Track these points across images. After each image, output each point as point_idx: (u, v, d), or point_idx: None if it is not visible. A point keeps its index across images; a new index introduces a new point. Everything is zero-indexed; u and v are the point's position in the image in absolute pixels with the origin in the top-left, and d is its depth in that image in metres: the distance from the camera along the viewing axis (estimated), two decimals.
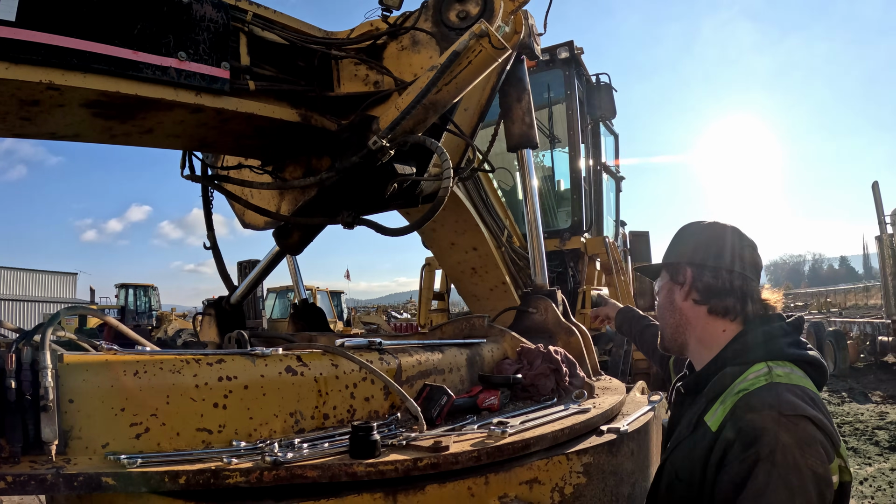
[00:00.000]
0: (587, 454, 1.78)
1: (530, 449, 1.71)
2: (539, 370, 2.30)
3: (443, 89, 2.51)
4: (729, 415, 1.47)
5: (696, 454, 1.51)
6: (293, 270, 5.08)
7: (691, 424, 1.60)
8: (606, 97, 6.02)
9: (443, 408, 1.93)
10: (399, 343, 2.30)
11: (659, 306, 1.86)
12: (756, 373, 1.54)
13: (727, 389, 1.55)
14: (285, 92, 2.73)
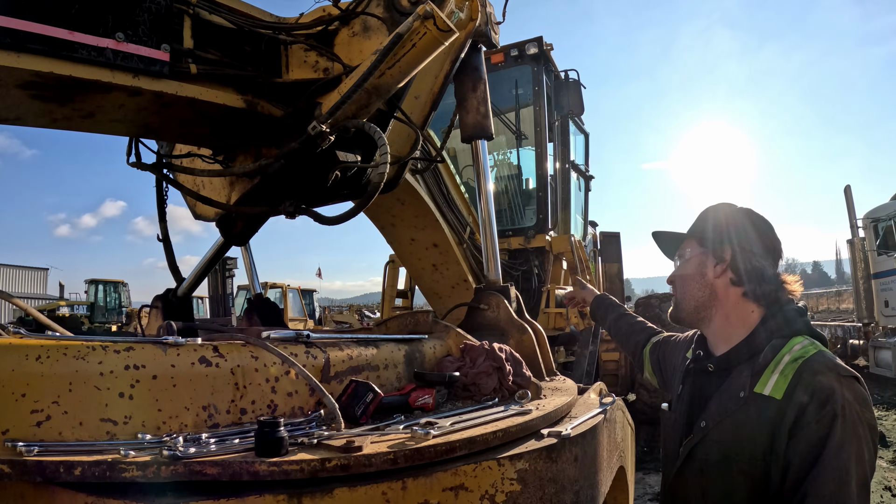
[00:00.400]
0: (522, 459, 1.66)
1: (456, 452, 1.60)
2: (481, 368, 2.20)
3: (386, 73, 2.42)
4: (794, 380, 1.55)
5: (759, 425, 1.58)
6: (248, 265, 4.98)
7: (738, 399, 1.66)
8: (574, 93, 5.98)
9: (368, 405, 1.82)
10: (331, 336, 2.19)
11: (682, 276, 1.93)
12: (801, 344, 1.66)
13: (774, 360, 1.64)
14: (230, 77, 2.64)
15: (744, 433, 1.62)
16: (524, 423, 1.83)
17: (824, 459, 1.45)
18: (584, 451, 1.89)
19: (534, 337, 2.95)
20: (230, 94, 2.64)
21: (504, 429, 1.74)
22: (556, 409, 2.06)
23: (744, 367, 1.73)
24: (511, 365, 2.29)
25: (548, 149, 6.16)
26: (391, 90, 2.51)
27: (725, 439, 1.67)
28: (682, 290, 1.93)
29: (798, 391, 1.54)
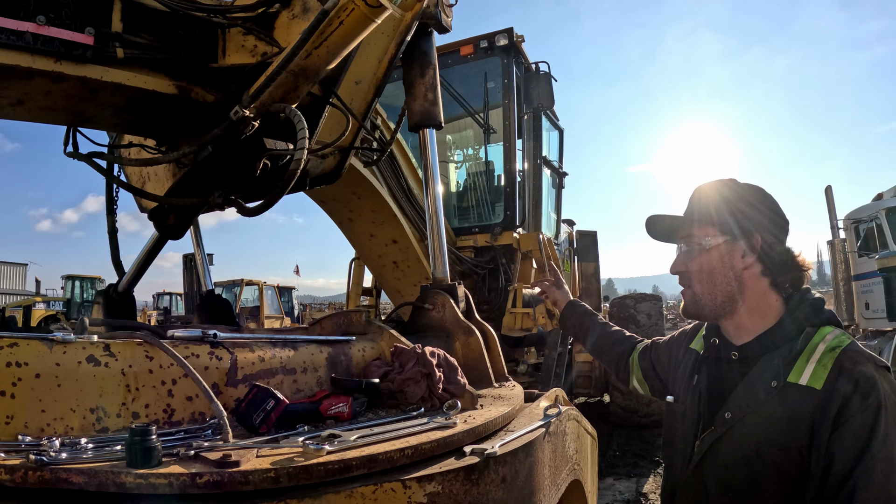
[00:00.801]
0: (434, 481, 1.47)
1: (352, 472, 1.42)
2: (408, 374, 2.04)
3: (313, 54, 2.26)
4: (835, 370, 1.51)
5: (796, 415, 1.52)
6: (200, 260, 4.81)
7: (770, 389, 1.59)
8: (545, 86, 5.83)
9: (269, 413, 1.64)
10: (244, 337, 2.01)
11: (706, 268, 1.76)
12: (832, 333, 1.62)
13: (807, 349, 1.59)
14: (162, 62, 2.51)
15: (778, 424, 1.55)
16: (442, 439, 1.65)
17: (871, 450, 1.42)
18: (516, 471, 1.72)
19: (481, 339, 2.81)
20: (161, 80, 2.52)
21: (415, 445, 1.55)
22: (487, 422, 1.88)
23: (773, 355, 1.65)
24: (444, 371, 2.13)
25: (517, 143, 6.00)
26: (320, 72, 2.35)
27: (755, 431, 1.59)
28: (706, 284, 1.77)
29: (841, 381, 1.50)
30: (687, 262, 1.81)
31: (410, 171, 4.93)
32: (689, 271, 1.81)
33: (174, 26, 2.52)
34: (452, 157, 7.07)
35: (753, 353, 1.71)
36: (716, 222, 1.76)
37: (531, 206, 6.65)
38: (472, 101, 6.26)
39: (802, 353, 1.60)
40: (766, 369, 1.65)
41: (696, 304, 1.80)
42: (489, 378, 2.74)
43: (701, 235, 1.78)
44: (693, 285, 1.80)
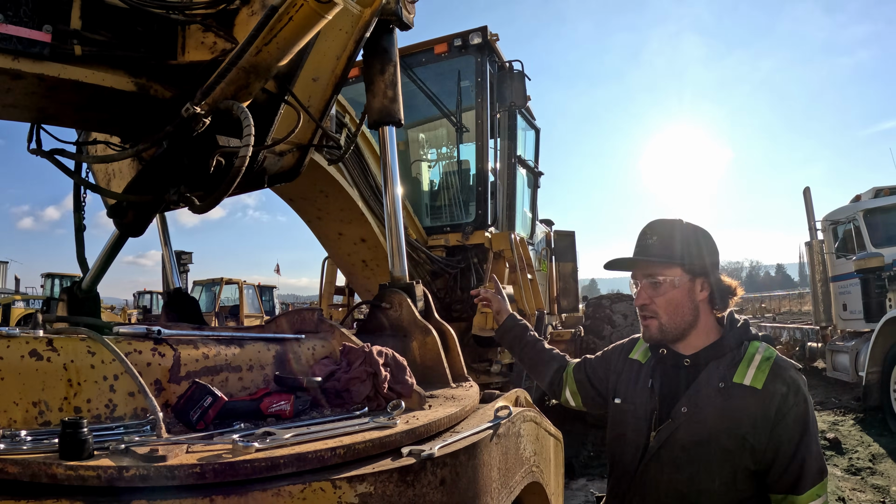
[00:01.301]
0: (365, 482, 1.48)
1: (280, 470, 1.42)
2: (354, 374, 2.04)
3: (263, 50, 2.27)
4: (771, 375, 1.98)
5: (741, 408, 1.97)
6: (167, 258, 4.80)
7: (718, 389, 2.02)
8: (518, 84, 5.84)
9: (206, 410, 1.66)
10: (188, 333, 2.02)
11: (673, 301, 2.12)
12: (762, 346, 2.10)
13: (745, 358, 2.05)
14: (121, 59, 2.52)
15: (726, 415, 1.97)
16: (378, 439, 1.66)
17: (808, 431, 1.96)
18: (457, 474, 1.73)
19: (438, 339, 2.83)
20: (120, 77, 2.53)
21: (348, 445, 1.56)
22: (430, 423, 1.89)
23: (718, 362, 2.08)
24: (391, 370, 2.15)
25: (489, 142, 6.02)
26: (271, 69, 2.36)
27: (707, 421, 1.99)
28: (673, 315, 2.12)
29: (777, 383, 1.97)
30: (654, 297, 2.14)
31: (378, 167, 4.93)
32: (655, 304, 2.14)
33: (133, 23, 2.52)
34: (426, 156, 7.07)
35: (702, 361, 2.11)
36: (681, 263, 2.11)
37: (505, 206, 6.66)
38: (447, 99, 6.26)
39: (743, 361, 2.05)
40: (713, 373, 2.06)
41: (661, 332, 2.14)
42: (446, 378, 2.75)
43: (669, 274, 2.12)
44: (660, 316, 2.13)
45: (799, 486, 1.95)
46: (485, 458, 1.91)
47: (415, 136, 7.04)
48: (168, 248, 4.75)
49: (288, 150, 2.94)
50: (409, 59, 6.26)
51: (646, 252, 2.16)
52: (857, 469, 7.60)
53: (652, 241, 2.15)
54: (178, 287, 4.62)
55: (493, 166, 6.18)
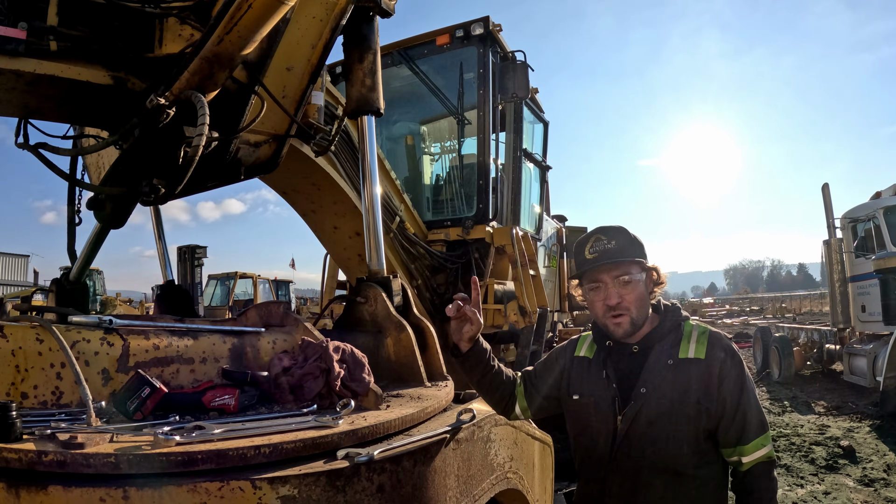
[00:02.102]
0: (288, 484, 1.44)
1: (197, 466, 1.40)
2: (307, 369, 2.00)
3: (224, 39, 2.24)
4: (710, 345, 2.31)
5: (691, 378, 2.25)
6: (161, 252, 4.83)
7: (668, 366, 2.30)
8: (521, 75, 5.73)
9: (144, 401, 1.65)
10: (140, 324, 2.00)
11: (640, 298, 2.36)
12: (693, 323, 2.44)
13: (684, 335, 2.37)
14: (98, 53, 2.54)
15: (680, 386, 2.25)
16: (311, 440, 1.61)
17: (745, 387, 2.27)
18: (398, 481, 1.68)
19: (412, 336, 2.80)
20: (97, 71, 2.55)
21: (274, 444, 1.52)
22: (378, 424, 1.84)
23: (662, 344, 2.36)
24: (347, 367, 2.11)
25: (491, 135, 5.94)
26: (234, 58, 2.34)
27: (665, 395, 2.25)
28: (639, 309, 2.35)
29: (716, 350, 2.29)
30: (625, 295, 2.33)
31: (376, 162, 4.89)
32: (626, 301, 2.33)
33: (110, 18, 2.54)
34: (427, 149, 7.02)
35: (648, 345, 2.38)
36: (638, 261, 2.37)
37: (509, 200, 6.59)
38: (450, 92, 6.21)
39: (683, 338, 2.36)
40: (661, 353, 2.34)
41: (634, 326, 2.35)
42: (420, 377, 2.72)
43: (634, 271, 2.36)
44: (631, 312, 2.33)
45: (744, 438, 2.22)
46: (436, 464, 1.86)
47: (416, 128, 6.99)
48: (161, 241, 4.78)
49: (264, 140, 2.91)
50: (412, 51, 6.19)
51: (611, 255, 2.33)
52: (870, 480, 7.35)
53: (612, 246, 2.35)
54: (171, 280, 4.65)
55: (496, 159, 6.11)
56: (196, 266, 19.53)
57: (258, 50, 2.56)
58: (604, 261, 2.34)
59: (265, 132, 2.90)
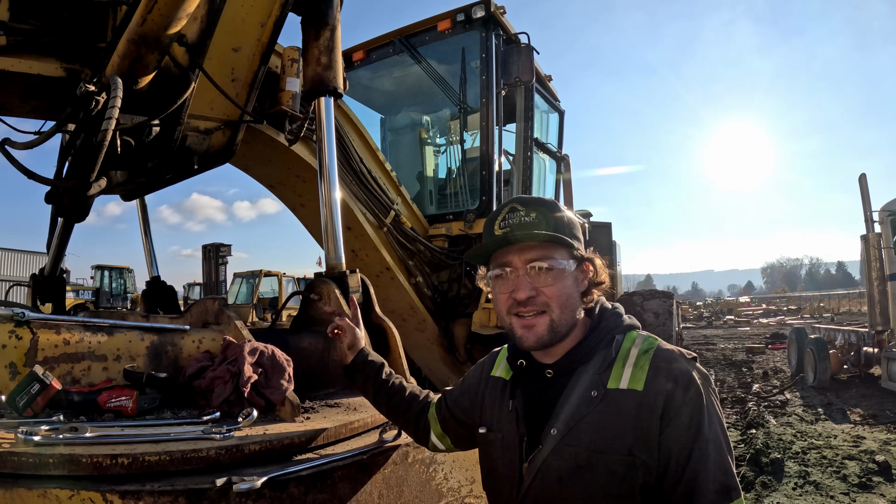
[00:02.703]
0: (141, 501, 1.33)
1: (49, 470, 1.33)
2: (218, 372, 1.88)
3: (147, 19, 2.15)
4: (652, 371, 1.59)
5: (620, 419, 1.57)
6: (147, 248, 4.83)
7: (591, 399, 1.61)
8: (525, 59, 5.50)
9: (34, 397, 1.60)
10: (55, 318, 1.94)
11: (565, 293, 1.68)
12: (640, 336, 1.69)
13: (619, 355, 1.65)
14: (51, 45, 2.54)
15: (606, 429, 1.58)
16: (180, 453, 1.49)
17: (702, 435, 1.54)
18: None
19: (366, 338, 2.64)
20: (49, 64, 2.55)
21: (135, 455, 1.41)
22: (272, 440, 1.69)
23: (587, 367, 1.67)
24: (265, 372, 1.97)
25: (494, 124, 5.76)
26: (160, 39, 2.23)
27: (584, 440, 1.60)
28: (563, 309, 1.68)
29: (660, 380, 1.58)
30: (542, 287, 1.67)
31: (367, 150, 4.78)
32: (545, 296, 1.67)
33: (61, 10, 2.54)
34: (430, 140, 6.88)
35: (567, 368, 1.70)
36: (567, 243, 1.68)
37: (519, 192, 6.40)
38: (455, 79, 6.06)
39: (617, 360, 1.64)
40: (583, 381, 1.65)
41: (552, 333, 1.68)
42: None
43: (559, 257, 1.68)
44: (552, 311, 1.67)
45: None
46: (342, 492, 1.71)
47: (418, 118, 6.85)
48: (148, 237, 4.77)
49: (215, 127, 2.81)
50: (413, 38, 6.02)
51: (527, 229, 1.67)
52: None
53: (530, 219, 1.68)
54: (157, 276, 4.65)
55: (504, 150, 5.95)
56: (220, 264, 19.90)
57: (197, 30, 2.47)
58: (517, 234, 1.68)
59: (216, 118, 2.81)
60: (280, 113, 3.52)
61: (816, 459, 7.96)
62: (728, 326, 37.98)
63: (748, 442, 8.20)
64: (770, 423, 9.31)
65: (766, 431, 8.62)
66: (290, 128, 3.63)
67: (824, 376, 12.98)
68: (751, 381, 14.77)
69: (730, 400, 11.97)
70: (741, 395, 12.55)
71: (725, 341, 26.62)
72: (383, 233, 4.96)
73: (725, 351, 22.30)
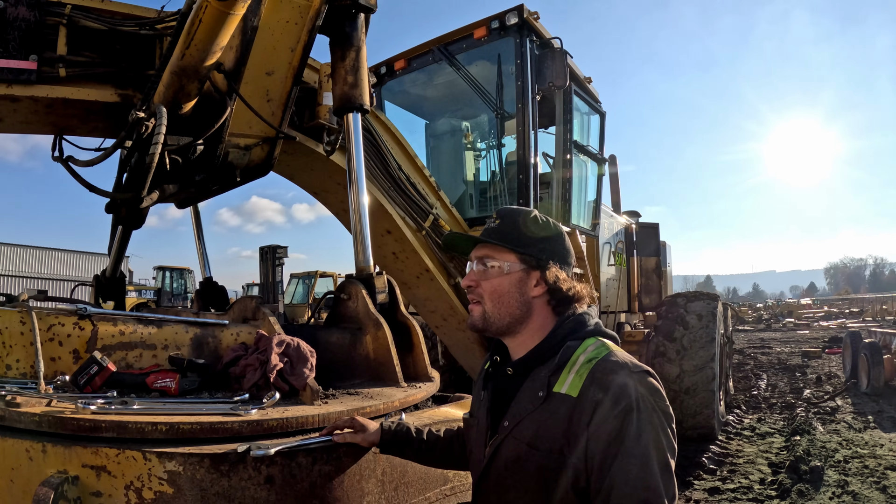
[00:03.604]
0: (174, 460, 1.64)
1: (101, 433, 1.67)
2: (249, 360, 2.22)
3: (186, 54, 2.51)
4: (588, 380, 1.70)
5: (556, 421, 1.72)
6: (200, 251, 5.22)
7: (537, 399, 1.79)
8: (558, 63, 5.67)
9: (93, 377, 1.96)
10: (112, 313, 2.31)
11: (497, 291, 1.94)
12: (594, 345, 1.82)
13: (570, 360, 1.79)
14: (105, 74, 3.00)
15: (543, 430, 1.74)
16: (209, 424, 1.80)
17: (625, 449, 1.60)
18: (292, 475, 1.80)
19: (388, 334, 2.88)
20: (105, 91, 2.99)
21: (171, 423, 1.74)
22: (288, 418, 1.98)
23: (541, 368, 1.85)
24: (290, 361, 2.27)
25: (531, 128, 5.98)
26: (199, 70, 2.58)
27: (525, 436, 1.78)
28: (496, 304, 1.95)
29: (592, 389, 1.68)
30: (481, 280, 1.97)
31: (405, 156, 5.04)
32: (481, 288, 1.97)
33: (113, 42, 2.98)
34: (470, 145, 7.15)
35: (525, 368, 1.91)
36: (517, 250, 1.93)
37: (559, 195, 6.60)
38: (492, 86, 6.30)
39: (566, 365, 1.79)
40: (535, 381, 1.84)
41: (484, 321, 1.96)
42: (395, 376, 2.81)
43: (501, 259, 1.94)
44: (485, 303, 1.96)
45: None
46: (345, 464, 1.97)
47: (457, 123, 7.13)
48: (201, 241, 5.18)
49: (254, 143, 3.16)
50: (452, 46, 6.29)
51: (487, 234, 1.99)
52: None
53: (494, 225, 1.99)
54: (209, 277, 5.04)
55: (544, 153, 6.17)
56: (277, 265, 20.60)
57: (233, 58, 2.81)
58: (480, 238, 2.01)
59: (254, 135, 3.15)
60: (318, 126, 3.87)
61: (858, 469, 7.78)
62: (787, 329, 36.90)
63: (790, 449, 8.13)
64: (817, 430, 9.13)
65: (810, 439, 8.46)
66: (327, 139, 3.95)
67: (878, 382, 12.55)
68: (803, 386, 14.33)
69: (779, 406, 11.72)
70: (791, 400, 12.25)
71: (782, 345, 25.82)
72: (422, 236, 5.22)
73: (781, 355, 21.61)
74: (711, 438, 8.02)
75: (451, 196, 6.16)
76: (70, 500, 1.61)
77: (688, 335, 7.69)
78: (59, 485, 1.59)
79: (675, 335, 7.73)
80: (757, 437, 8.97)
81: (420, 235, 5.23)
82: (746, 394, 13.11)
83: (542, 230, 1.97)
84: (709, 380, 7.53)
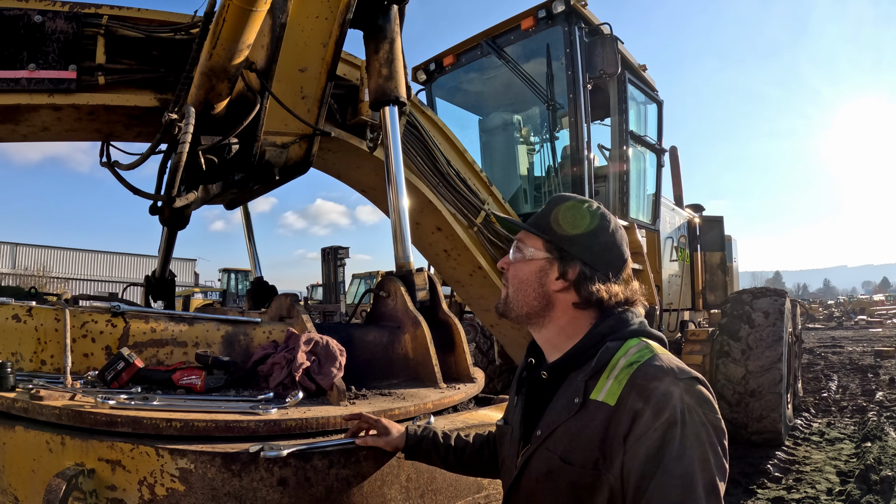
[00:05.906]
0: (186, 457, 1.63)
1: (117, 427, 1.68)
2: (276, 359, 2.19)
3: (213, 54, 2.52)
4: (628, 387, 1.53)
5: (591, 432, 1.55)
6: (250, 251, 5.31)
7: (572, 406, 1.62)
8: (609, 51, 5.48)
9: (119, 373, 1.99)
10: (144, 311, 2.35)
11: (518, 276, 1.82)
12: (636, 346, 1.63)
13: (609, 364, 1.61)
14: (144, 80, 3.10)
15: (577, 442, 1.59)
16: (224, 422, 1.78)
17: (665, 468, 1.42)
18: (307, 479, 1.75)
19: (427, 333, 2.82)
20: (144, 96, 3.08)
21: (185, 420, 1.73)
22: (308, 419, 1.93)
23: (578, 372, 1.68)
24: (318, 360, 2.23)
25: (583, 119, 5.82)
26: (227, 69, 2.58)
27: (558, 448, 1.63)
28: (516, 290, 1.83)
29: (632, 397, 1.50)
30: (511, 263, 1.86)
31: (454, 151, 4.96)
32: (509, 273, 1.85)
33: (149, 49, 3.06)
34: (523, 139, 7.03)
35: (561, 372, 1.74)
36: (545, 238, 1.79)
37: (616, 188, 6.43)
38: (542, 77, 6.17)
39: (605, 369, 1.61)
40: (570, 387, 1.67)
41: (505, 305, 1.85)
42: (434, 377, 2.73)
43: (530, 245, 1.82)
44: (509, 287, 1.85)
45: None
46: (366, 469, 1.90)
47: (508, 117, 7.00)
48: (251, 242, 5.26)
49: (291, 141, 3.15)
50: (500, 39, 6.16)
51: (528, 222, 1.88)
52: None
53: (541, 212, 1.87)
54: (259, 277, 5.12)
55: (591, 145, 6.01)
56: (339, 266, 20.94)
57: (264, 56, 2.81)
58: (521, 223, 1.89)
59: (291, 133, 3.14)
60: (362, 123, 3.85)
61: None
62: (859, 327, 35.07)
63: (860, 456, 7.67)
64: (889, 437, 8.61)
65: (881, 445, 7.95)
66: (371, 136, 3.93)
67: None
68: (875, 388, 13.31)
69: (849, 409, 11.07)
70: (863, 403, 11.55)
71: (854, 343, 24.31)
72: (473, 233, 5.13)
73: (853, 354, 20.34)
74: (777, 444, 7.52)
75: (505, 192, 6.06)
76: (85, 493, 1.63)
77: (754, 334, 7.31)
78: (74, 477, 1.61)
79: (741, 334, 7.37)
80: (826, 443, 8.45)
81: (472, 232, 5.15)
82: (816, 396, 12.40)
83: (575, 222, 1.80)
84: (775, 381, 7.10)
